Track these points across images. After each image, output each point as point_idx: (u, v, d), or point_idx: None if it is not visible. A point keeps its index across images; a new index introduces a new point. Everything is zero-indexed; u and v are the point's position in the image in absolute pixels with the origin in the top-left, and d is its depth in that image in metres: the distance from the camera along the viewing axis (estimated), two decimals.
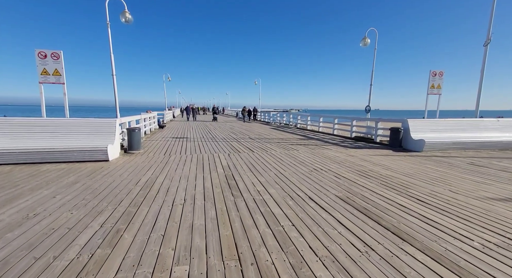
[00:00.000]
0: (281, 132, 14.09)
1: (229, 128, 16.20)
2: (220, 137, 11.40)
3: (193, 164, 6.14)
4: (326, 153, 7.86)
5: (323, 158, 7.05)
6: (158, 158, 6.79)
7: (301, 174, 5.27)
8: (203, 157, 7.03)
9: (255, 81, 28.13)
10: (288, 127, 18.16)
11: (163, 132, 13.62)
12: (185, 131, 14.32)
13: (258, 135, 12.60)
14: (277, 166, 5.98)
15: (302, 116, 17.67)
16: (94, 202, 3.56)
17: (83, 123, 6.46)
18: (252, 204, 3.58)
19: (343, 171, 5.53)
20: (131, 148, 7.45)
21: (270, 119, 23.64)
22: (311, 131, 14.76)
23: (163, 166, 5.90)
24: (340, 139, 11.54)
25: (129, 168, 5.59)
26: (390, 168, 5.80)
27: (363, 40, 10.20)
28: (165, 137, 11.36)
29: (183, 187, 4.34)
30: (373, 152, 7.95)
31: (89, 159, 6.02)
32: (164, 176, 5.00)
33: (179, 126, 18.01)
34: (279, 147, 9.02)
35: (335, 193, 4.09)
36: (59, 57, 6.32)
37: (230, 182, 4.66)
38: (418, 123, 8.46)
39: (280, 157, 7.08)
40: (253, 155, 7.34)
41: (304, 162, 6.50)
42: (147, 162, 6.23)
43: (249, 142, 10.02)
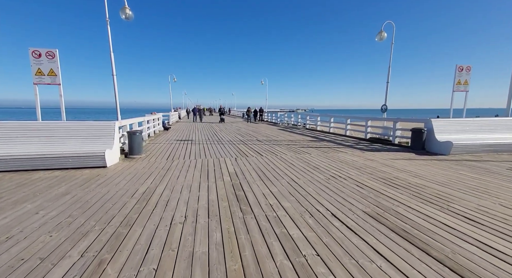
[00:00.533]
0: (290, 134, 13.46)
1: (235, 130, 15.68)
2: (226, 140, 10.88)
3: (197, 170, 5.62)
4: (342, 156, 7.21)
5: (339, 162, 6.41)
6: (160, 163, 6.30)
7: (317, 183, 4.66)
8: (208, 162, 6.50)
9: (261, 81, 27.58)
10: (296, 128, 17.51)
11: (167, 134, 13.21)
12: (190, 133, 13.87)
13: (266, 137, 12.03)
14: (289, 173, 5.39)
15: (311, 117, 16.99)
16: (81, 220, 3.06)
17: (80, 127, 6.04)
18: (264, 223, 3.01)
19: (365, 179, 4.89)
20: (132, 153, 6.99)
21: (278, 120, 23.02)
22: (322, 132, 14.07)
23: (165, 172, 5.39)
24: (354, 140, 10.84)
25: (127, 176, 5.10)
26: (418, 175, 5.12)
27: (379, 34, 9.48)
28: (169, 140, 10.92)
29: (185, 199, 3.80)
30: (394, 155, 7.24)
31: (86, 166, 5.58)
32: (165, 186, 4.48)
33: (184, 127, 17.61)
34: (289, 149, 8.42)
35: (361, 207, 3.46)
36: (55, 56, 5.92)
37: (238, 193, 4.10)
38: (443, 123, 7.71)
39: (291, 162, 6.48)
40: (262, 160, 6.76)
41: (319, 167, 5.89)
42: (147, 168, 5.74)
43: (257, 145, 9.45)
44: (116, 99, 7.76)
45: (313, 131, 14.75)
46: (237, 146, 9.12)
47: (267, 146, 9.27)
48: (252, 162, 6.46)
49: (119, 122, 6.69)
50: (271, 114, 26.22)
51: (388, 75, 10.02)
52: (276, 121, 23.49)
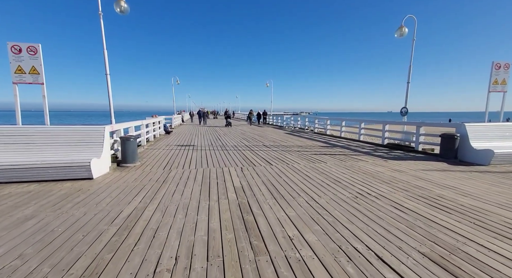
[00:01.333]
0: (298, 138, 12.57)
1: (240, 134, 14.86)
2: (230, 145, 10.04)
3: (197, 183, 4.78)
4: (363, 166, 6.29)
5: (361, 174, 5.51)
6: (155, 174, 5.49)
7: (343, 202, 3.78)
8: (210, 172, 5.67)
9: (266, 84, 26.81)
10: (304, 132, 16.60)
11: (169, 138, 12.45)
12: (193, 137, 13.10)
13: (273, 142, 11.16)
14: (306, 188, 4.51)
15: (320, 120, 16.08)
16: (31, 264, 2.23)
17: (64, 132, 5.27)
18: (286, 272, 2.14)
19: (402, 198, 3.98)
20: (125, 161, 6.20)
21: (284, 123, 22.15)
22: (332, 137, 13.14)
23: (159, 186, 4.57)
24: (370, 146, 9.89)
25: (114, 191, 4.29)
26: (467, 193, 4.18)
27: (400, 29, 8.59)
28: (169, 145, 10.14)
29: (179, 227, 2.96)
30: (423, 165, 6.30)
31: (68, 177, 4.79)
32: (156, 206, 3.65)
33: (187, 131, 16.87)
34: (301, 157, 7.54)
35: (414, 245, 2.57)
36: (37, 51, 5.19)
37: (247, 218, 3.23)
38: (480, 128, 6.74)
39: (306, 173, 5.59)
40: (272, 170, 5.90)
41: (340, 180, 4.99)
42: (139, 181, 4.92)
43: (264, 151, 8.59)
44: (109, 101, 7.02)
45: (322, 136, 13.83)
46: (243, 153, 8.28)
47: (275, 152, 8.40)
48: (261, 173, 5.60)
49: (110, 127, 5.92)
50: (276, 118, 25.36)
51: (408, 75, 9.10)
52: (282, 124, 22.61)
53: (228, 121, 21.27)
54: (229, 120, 21.50)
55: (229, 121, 21.34)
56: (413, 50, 8.84)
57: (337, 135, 13.28)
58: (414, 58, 8.99)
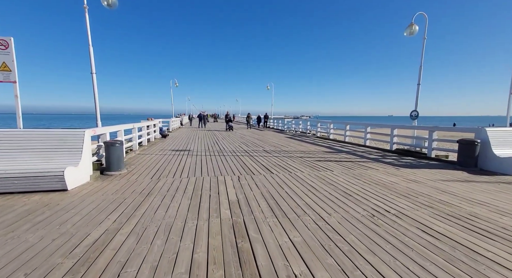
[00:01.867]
0: (300, 143, 11.94)
1: (239, 138, 14.24)
2: (228, 150, 9.42)
3: (186, 196, 4.14)
4: (374, 175, 5.66)
5: (374, 185, 4.87)
6: (140, 184, 4.86)
7: (358, 223, 3.14)
8: (203, 182, 5.04)
9: (267, 86, 26.31)
10: (305, 136, 15.99)
11: (164, 143, 11.84)
12: (189, 141, 12.48)
13: (273, 146, 10.53)
14: (312, 202, 3.87)
15: (323, 124, 15.48)
16: None
17: (38, 137, 4.66)
18: None
19: (427, 217, 3.34)
20: (109, 168, 5.58)
21: (284, 127, 21.55)
22: (336, 142, 12.51)
23: (141, 200, 3.93)
24: (378, 152, 9.25)
25: (88, 206, 3.66)
26: (504, 211, 3.53)
27: (410, 27, 8.03)
28: (164, 149, 9.52)
29: (154, 261, 2.32)
30: (441, 175, 5.66)
31: (39, 189, 4.16)
32: (132, 227, 3.01)
33: (184, 135, 16.26)
34: (304, 164, 6.90)
35: None
36: (8, 46, 4.62)
37: (241, 245, 2.60)
38: (502, 134, 6.11)
39: (311, 183, 4.96)
40: (272, 179, 5.26)
41: (350, 192, 4.36)
42: (120, 193, 4.29)
43: (264, 157, 7.96)
44: (95, 102, 6.43)
45: (325, 140, 13.20)
46: (241, 159, 7.64)
47: (276, 158, 7.77)
48: (260, 183, 4.96)
49: (92, 130, 5.30)
50: (277, 121, 24.78)
51: (419, 76, 8.50)
52: (283, 128, 22.01)
53: (229, 125, 20.41)
54: (230, 124, 20.59)
55: (230, 125, 20.46)
56: (423, 50, 8.26)
57: (341, 140, 12.65)
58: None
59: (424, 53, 8.33)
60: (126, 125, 7.95)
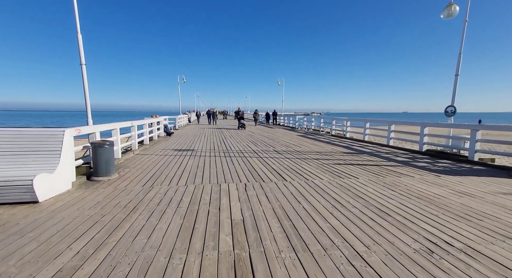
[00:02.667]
0: (314, 142, 10.90)
1: (247, 136, 13.36)
2: (235, 150, 8.55)
3: (178, 214, 3.31)
4: (410, 184, 4.63)
5: (415, 198, 3.86)
6: (128, 194, 4.08)
7: (413, 265, 2.19)
8: (202, 192, 4.19)
9: (277, 82, 25.21)
10: (319, 134, 14.90)
11: (168, 141, 11.14)
12: (195, 140, 11.72)
13: (285, 146, 9.58)
14: (341, 226, 2.94)
15: (338, 121, 14.33)
16: None
17: (8, 138, 3.95)
18: None
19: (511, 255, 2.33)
20: (97, 173, 4.84)
21: (296, 124, 20.47)
22: (354, 141, 11.39)
23: (122, 219, 3.13)
24: (405, 153, 8.12)
25: (51, 228, 2.89)
26: None
27: (448, 8, 6.78)
28: (166, 149, 8.79)
29: None
30: (498, 185, 4.55)
31: (3, 201, 3.45)
32: (96, 265, 2.20)
33: (190, 133, 15.56)
34: (322, 168, 5.94)
35: None
36: None
37: None
38: None
39: (334, 196, 4.01)
40: (286, 189, 4.35)
41: (388, 211, 3.38)
42: (100, 207, 3.51)
43: (275, 159, 7.04)
44: (85, 96, 5.71)
45: (341, 139, 12.09)
46: (249, 161, 6.76)
47: (289, 160, 6.83)
48: (271, 194, 4.06)
49: (75, 130, 4.55)
50: (288, 118, 23.70)
51: (457, 65, 7.25)
52: (294, 125, 20.94)
53: (241, 123, 18.18)
54: (242, 121, 18.34)
55: (242, 122, 18.24)
56: (464, 33, 6.99)
57: (360, 139, 11.50)
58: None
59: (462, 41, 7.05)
60: (123, 123, 7.23)
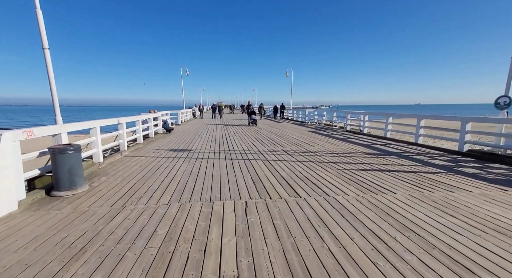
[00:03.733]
0: (328, 140, 9.61)
1: (253, 132, 12.18)
2: (238, 151, 7.41)
3: (140, 263, 2.20)
4: (473, 205, 3.36)
5: (495, 234, 2.62)
6: (87, 219, 3.02)
7: None
8: (186, 218, 3.08)
9: (286, 73, 23.71)
10: (332, 129, 13.54)
11: (165, 139, 10.11)
12: (195, 137, 10.64)
13: (295, 145, 8.35)
14: None
15: (353, 115, 12.91)
16: None
17: None
18: None
19: None
20: (58, 186, 3.82)
21: (306, 119, 19.09)
22: (373, 138, 10.01)
23: (55, 271, 2.06)
24: (441, 154, 6.75)
25: None
26: None
27: None
28: (159, 149, 7.75)
29: None
30: None
31: None
32: None
33: (192, 129, 14.51)
34: (343, 176, 4.71)
35: None
36: None
37: None
38: None
39: (371, 226, 2.81)
40: (301, 214, 3.17)
41: (462, 258, 2.16)
42: (33, 248, 2.45)
43: (284, 162, 5.85)
44: (51, 88, 4.64)
45: (358, 136, 10.72)
46: (253, 165, 5.61)
47: (301, 164, 5.63)
48: (281, 224, 2.89)
49: (23, 132, 3.48)
50: (297, 112, 22.28)
51: None
52: (304, 119, 19.57)
53: (252, 119, 15.68)
54: (254, 117, 15.81)
55: (253, 118, 15.72)
56: None
57: (380, 136, 10.11)
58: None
59: None
60: (106, 120, 6.18)
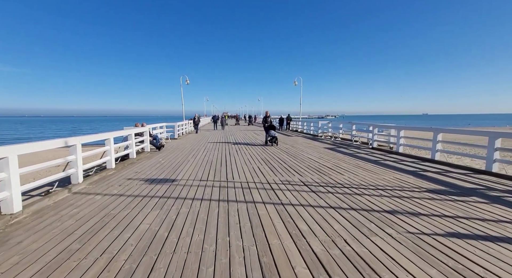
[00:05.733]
0: (358, 162, 7.39)
1: (260, 151, 10.04)
2: (238, 182, 5.26)
3: None
4: None
5: None
6: None
7: None
8: None
9: (294, 82, 21.82)
10: (352, 145, 11.29)
11: (149, 160, 8.07)
12: (188, 157, 8.57)
13: (317, 171, 6.17)
14: None
15: (381, 128, 10.70)
16: None
17: None
18: None
19: None
20: None
21: (318, 131, 16.88)
22: (416, 160, 7.74)
23: None
24: None
25: None
26: None
27: None
28: (133, 179, 5.69)
29: None
30: None
31: None
32: None
33: (188, 144, 12.49)
34: (436, 263, 2.49)
35: None
36: None
37: None
38: None
39: None
40: None
41: None
42: None
43: (310, 212, 3.64)
44: None
45: (394, 156, 8.45)
46: (261, 218, 3.44)
47: (338, 216, 3.43)
48: None
49: None
50: (307, 123, 20.11)
51: None
52: (316, 132, 17.36)
53: (271, 136, 11.19)
54: (273, 133, 11.25)
55: (273, 135, 11.19)
56: None
57: (423, 157, 7.84)
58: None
59: None
60: (47, 142, 4.17)
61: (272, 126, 11.62)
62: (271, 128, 11.58)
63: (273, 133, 11.39)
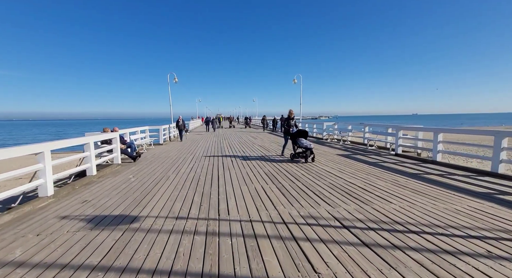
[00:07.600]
0: (395, 177, 5.50)
1: (261, 162, 8.07)
2: (234, 220, 3.27)
3: None
4: None
5: None
6: None
7: None
8: None
9: (294, 80, 19.98)
10: (366, 150, 9.45)
11: (113, 178, 5.99)
12: (168, 173, 6.53)
13: (347, 195, 4.24)
14: None
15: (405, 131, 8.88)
16: None
17: None
18: None
19: None
20: None
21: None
22: (460, 170, 5.93)
23: None
24: None
25: None
26: None
27: None
28: (73, 216, 3.65)
29: None
30: None
31: None
32: None
33: (172, 152, 10.40)
34: None
35: None
36: None
37: None
38: None
39: None
40: None
41: None
42: None
43: None
44: None
45: (433, 167, 6.62)
46: None
47: None
48: None
49: None
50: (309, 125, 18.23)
51: None
52: (322, 135, 15.47)
53: (304, 146, 7.42)
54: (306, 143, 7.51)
55: (307, 145, 7.44)
56: None
57: (479, 169, 6.04)
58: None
59: None
60: None
61: (304, 132, 7.78)
62: (302, 135, 7.72)
63: (307, 143, 7.50)
